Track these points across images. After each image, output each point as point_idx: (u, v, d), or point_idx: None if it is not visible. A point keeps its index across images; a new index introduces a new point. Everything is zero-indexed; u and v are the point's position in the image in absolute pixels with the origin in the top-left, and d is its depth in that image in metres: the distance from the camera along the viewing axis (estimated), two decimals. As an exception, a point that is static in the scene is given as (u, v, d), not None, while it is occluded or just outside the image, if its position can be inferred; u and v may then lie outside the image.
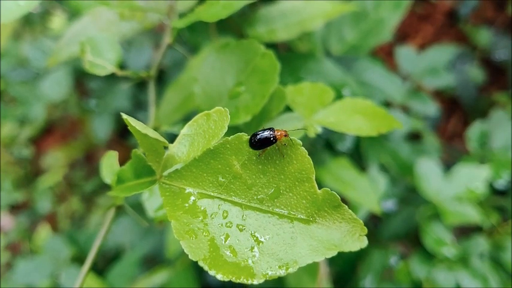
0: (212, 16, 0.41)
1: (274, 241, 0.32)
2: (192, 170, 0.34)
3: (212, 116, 0.34)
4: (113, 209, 0.43)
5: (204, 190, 0.34)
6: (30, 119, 1.44)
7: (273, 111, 0.46)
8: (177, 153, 0.34)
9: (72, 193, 1.59)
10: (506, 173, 0.91)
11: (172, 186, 0.35)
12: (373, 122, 0.48)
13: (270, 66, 0.44)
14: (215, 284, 1.01)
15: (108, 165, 0.41)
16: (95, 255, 0.42)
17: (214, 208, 0.34)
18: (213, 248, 0.32)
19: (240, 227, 0.33)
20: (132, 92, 1.21)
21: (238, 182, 0.34)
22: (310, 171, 0.33)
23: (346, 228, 0.31)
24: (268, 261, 0.31)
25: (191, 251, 0.31)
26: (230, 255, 0.31)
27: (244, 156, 0.34)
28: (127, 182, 0.35)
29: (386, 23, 0.88)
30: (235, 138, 0.34)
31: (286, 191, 0.33)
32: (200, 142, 0.34)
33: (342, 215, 0.32)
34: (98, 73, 0.47)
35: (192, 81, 0.52)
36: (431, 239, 0.84)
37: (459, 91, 1.28)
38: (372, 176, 0.86)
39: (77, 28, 0.60)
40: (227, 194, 0.34)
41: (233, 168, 0.34)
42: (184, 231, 0.32)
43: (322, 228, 0.32)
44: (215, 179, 0.34)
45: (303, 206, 0.32)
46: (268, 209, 0.33)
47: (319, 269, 0.77)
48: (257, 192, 0.33)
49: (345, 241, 0.31)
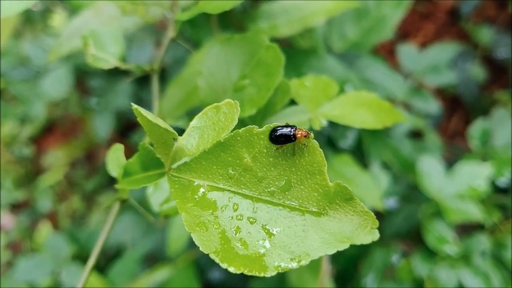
0: (216, 8, 0.41)
1: (286, 234, 0.31)
2: (202, 163, 0.34)
3: (222, 109, 0.33)
4: (118, 204, 0.43)
5: (213, 183, 0.34)
6: (30, 117, 1.44)
7: (277, 105, 0.45)
8: (186, 145, 0.34)
9: (72, 192, 1.59)
10: (508, 170, 0.91)
11: (181, 178, 0.34)
12: (378, 115, 0.48)
13: (274, 59, 0.44)
14: (216, 282, 1.00)
15: (114, 158, 0.41)
16: (99, 250, 0.42)
17: (225, 201, 0.33)
18: (224, 241, 0.32)
19: (250, 219, 0.32)
20: (133, 90, 1.21)
21: (249, 175, 0.33)
22: (322, 164, 0.32)
23: (358, 221, 0.31)
24: (280, 254, 0.31)
25: (202, 244, 0.31)
26: (241, 247, 0.31)
27: (255, 148, 0.33)
28: (134, 175, 0.35)
29: (388, 20, 0.88)
30: (246, 130, 0.33)
31: (298, 183, 0.33)
32: (210, 134, 0.33)
33: (353, 207, 0.31)
34: (101, 67, 0.47)
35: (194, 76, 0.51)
36: (433, 236, 0.84)
37: (461, 89, 1.28)
38: (374, 173, 0.86)
39: (78, 23, 0.60)
40: (237, 186, 0.34)
41: (243, 161, 0.33)
42: (194, 224, 0.32)
43: (334, 221, 0.32)
44: (225, 172, 0.34)
45: (315, 198, 0.32)
46: (279, 201, 0.33)
47: (321, 267, 0.77)
48: (268, 185, 0.33)
49: (356, 234, 0.31)
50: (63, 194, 1.59)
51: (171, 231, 0.80)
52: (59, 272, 1.06)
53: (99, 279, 1.00)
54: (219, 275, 1.00)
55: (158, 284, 0.96)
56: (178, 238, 0.79)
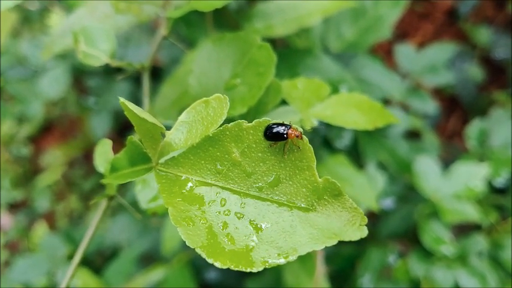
0: (207, 6, 0.41)
1: (274, 229, 0.31)
2: (190, 157, 0.34)
3: (211, 103, 0.33)
4: (105, 200, 0.42)
5: (201, 178, 0.34)
6: (28, 117, 1.44)
7: (269, 104, 0.45)
8: (174, 140, 0.33)
9: (70, 192, 1.59)
10: (506, 171, 0.90)
11: (168, 173, 0.34)
12: (370, 116, 0.48)
13: (266, 58, 0.44)
14: (212, 282, 1.00)
15: (101, 154, 0.40)
16: (86, 245, 0.41)
17: (212, 196, 0.33)
18: (211, 236, 0.31)
19: (238, 215, 0.32)
20: (131, 89, 1.21)
21: (237, 170, 0.33)
22: (311, 159, 0.32)
23: (347, 217, 0.31)
24: (267, 249, 0.31)
25: (188, 238, 0.31)
26: (228, 243, 0.31)
27: (244, 143, 0.33)
28: (121, 170, 0.35)
29: (385, 20, 0.88)
30: (235, 125, 0.33)
31: (286, 179, 0.33)
32: (198, 129, 0.33)
33: (342, 203, 0.31)
34: (91, 64, 0.46)
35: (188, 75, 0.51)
36: (429, 237, 0.84)
37: (459, 90, 1.28)
38: (370, 174, 0.86)
39: (71, 20, 0.60)
40: (225, 181, 0.33)
41: (232, 156, 0.33)
42: (181, 218, 0.32)
43: (322, 216, 0.31)
44: (213, 167, 0.34)
45: (303, 194, 0.32)
46: (268, 197, 0.33)
47: (316, 267, 0.77)
48: (256, 180, 0.33)
49: (345, 230, 0.31)
50: (61, 193, 1.59)
51: (165, 230, 0.80)
52: (54, 272, 1.06)
53: (95, 279, 1.00)
54: (215, 275, 1.00)
55: (154, 284, 0.96)
56: (172, 237, 0.78)
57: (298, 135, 0.34)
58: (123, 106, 0.31)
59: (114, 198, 0.43)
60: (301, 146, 0.33)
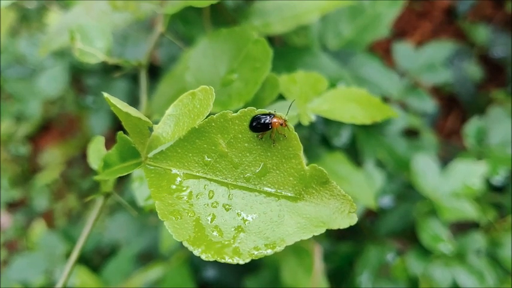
0: (202, 1, 0.40)
1: (261, 220, 0.31)
2: (177, 151, 0.34)
3: (197, 95, 0.33)
4: (102, 198, 0.42)
5: (189, 170, 0.34)
6: (27, 116, 1.44)
7: (266, 99, 0.45)
8: (161, 133, 0.33)
9: (69, 191, 1.59)
10: (504, 169, 0.90)
11: (157, 167, 0.34)
12: (368, 110, 0.48)
13: (262, 53, 0.43)
14: (210, 280, 1.00)
15: (95, 151, 0.40)
16: (83, 243, 0.41)
17: (200, 188, 0.33)
18: (198, 228, 0.31)
19: (226, 206, 0.32)
20: (129, 88, 1.21)
21: (224, 161, 0.33)
22: (297, 147, 0.32)
23: (335, 205, 0.31)
24: (255, 240, 0.30)
25: (175, 232, 0.31)
26: (216, 235, 0.31)
27: (230, 134, 0.33)
28: (113, 166, 0.35)
29: (383, 18, 0.88)
30: (221, 116, 0.33)
31: (274, 168, 0.33)
32: (185, 121, 0.33)
33: (330, 191, 0.31)
34: (88, 61, 0.46)
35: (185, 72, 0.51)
36: (428, 235, 0.84)
37: (457, 88, 1.28)
38: (368, 172, 0.86)
39: (68, 18, 0.60)
40: (213, 173, 0.33)
41: (219, 147, 0.33)
42: (168, 212, 0.32)
43: (310, 205, 0.31)
44: (201, 159, 0.33)
45: (290, 183, 0.32)
46: (255, 187, 0.32)
47: (313, 265, 0.77)
48: (244, 171, 0.33)
49: (333, 218, 0.30)
50: (60, 192, 1.59)
51: (164, 228, 0.80)
52: (53, 270, 1.06)
53: (93, 277, 1.00)
54: (213, 273, 1.00)
55: (152, 283, 0.95)
56: (170, 236, 0.78)
57: (283, 123, 0.33)
58: (107, 101, 0.31)
59: (111, 195, 0.42)
60: (287, 134, 0.33)
